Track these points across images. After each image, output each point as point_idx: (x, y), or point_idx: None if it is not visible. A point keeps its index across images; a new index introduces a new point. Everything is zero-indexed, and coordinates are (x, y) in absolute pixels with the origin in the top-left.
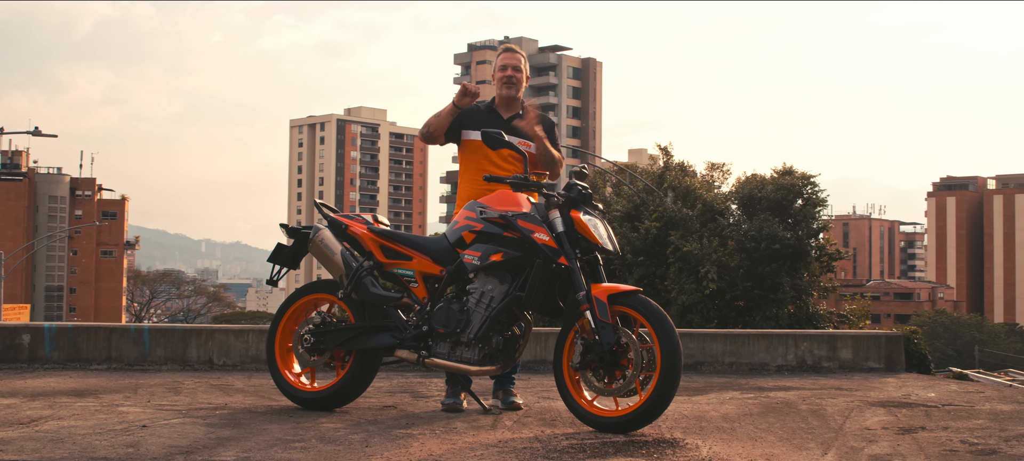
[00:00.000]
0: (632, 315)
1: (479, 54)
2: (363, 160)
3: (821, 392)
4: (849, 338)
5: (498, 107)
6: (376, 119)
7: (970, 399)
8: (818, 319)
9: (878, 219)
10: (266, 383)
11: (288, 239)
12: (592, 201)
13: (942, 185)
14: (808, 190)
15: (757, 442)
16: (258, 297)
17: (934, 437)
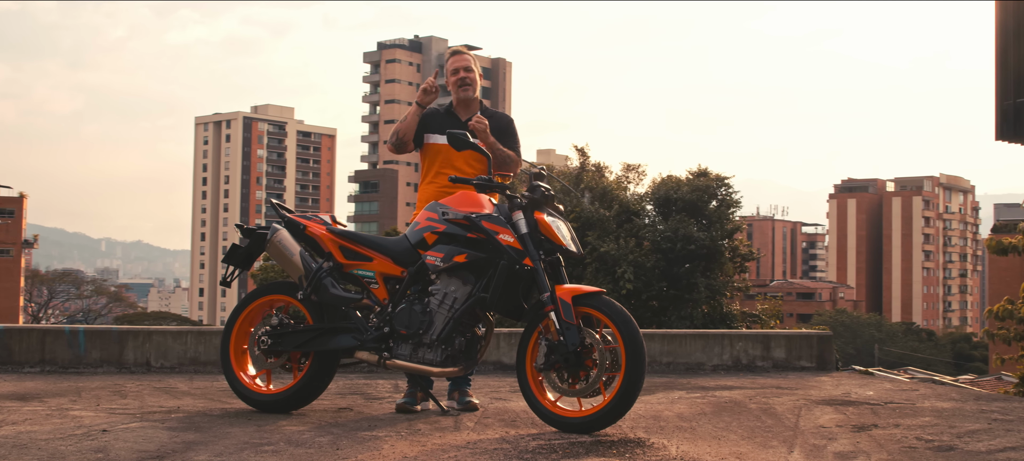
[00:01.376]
0: (595, 316)
1: (389, 53)
2: (270, 158)
3: (764, 391)
4: (782, 338)
5: (457, 110)
6: (283, 117)
7: (909, 397)
8: (731, 319)
9: (781, 220)
10: (211, 385)
11: (243, 239)
12: (554, 203)
13: (843, 187)
14: (722, 191)
15: (721, 441)
16: (160, 297)
17: (889, 434)
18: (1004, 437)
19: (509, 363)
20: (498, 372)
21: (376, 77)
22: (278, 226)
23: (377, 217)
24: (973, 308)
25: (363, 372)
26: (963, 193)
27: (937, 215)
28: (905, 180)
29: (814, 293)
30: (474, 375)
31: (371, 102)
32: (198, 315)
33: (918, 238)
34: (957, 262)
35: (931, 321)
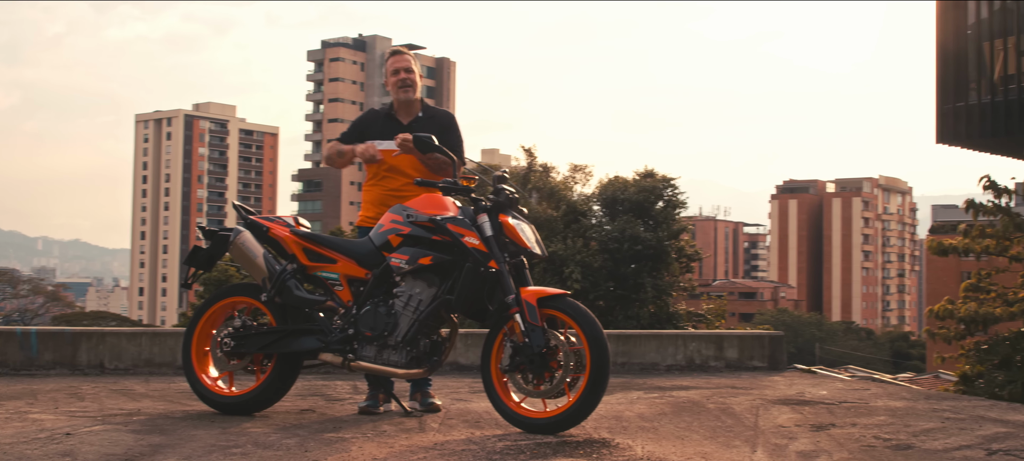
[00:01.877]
0: (560, 318)
1: (333, 52)
2: (212, 157)
3: (720, 391)
4: (735, 338)
5: (397, 112)
6: (225, 115)
7: (862, 396)
8: (677, 319)
9: (723, 220)
10: (169, 387)
11: (205, 241)
12: (519, 206)
13: (784, 188)
14: (668, 192)
15: (684, 441)
16: (98, 297)
17: (847, 434)
18: (958, 435)
19: (466, 364)
20: (456, 373)
21: (320, 76)
22: (241, 228)
23: (321, 216)
24: (911, 307)
25: (321, 374)
26: (901, 194)
27: (876, 216)
28: (845, 181)
29: (756, 293)
30: (433, 376)
31: (315, 101)
32: (138, 315)
33: (857, 238)
34: (895, 262)
35: (870, 320)
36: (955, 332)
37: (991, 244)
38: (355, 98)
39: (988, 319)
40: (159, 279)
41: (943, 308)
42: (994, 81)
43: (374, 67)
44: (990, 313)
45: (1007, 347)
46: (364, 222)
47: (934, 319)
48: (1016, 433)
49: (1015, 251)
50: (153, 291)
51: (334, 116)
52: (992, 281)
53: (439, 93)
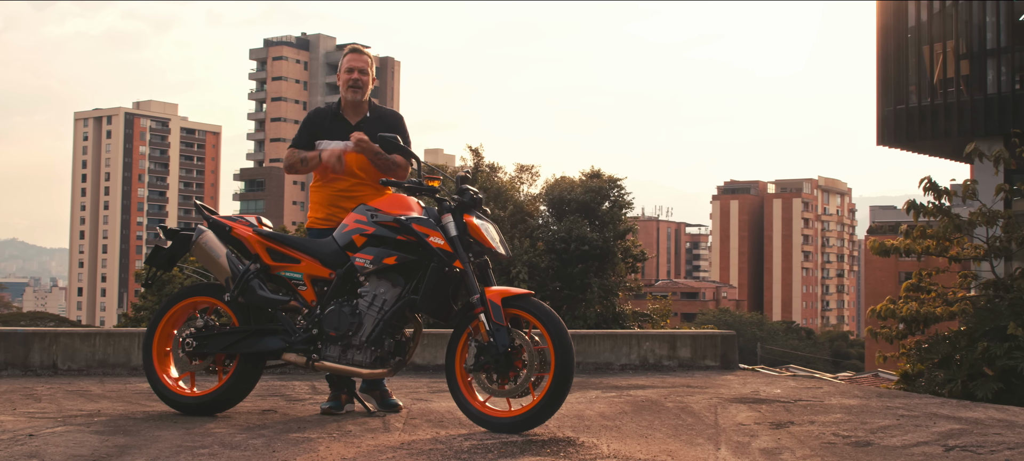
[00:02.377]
0: (524, 317)
1: (276, 50)
2: (153, 155)
3: (677, 390)
4: (688, 338)
5: (344, 111)
6: (167, 113)
7: (816, 395)
8: (624, 319)
9: (665, 221)
10: (125, 388)
11: (166, 241)
12: (483, 206)
13: (726, 189)
14: (615, 193)
15: (648, 439)
16: (36, 297)
17: (807, 431)
18: (914, 432)
19: (423, 364)
20: (413, 373)
21: (263, 74)
22: (203, 228)
23: (263, 216)
24: (849, 307)
25: (279, 374)
26: (840, 195)
27: (816, 216)
28: (785, 182)
29: (698, 293)
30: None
31: (257, 99)
32: (76, 315)
33: (798, 239)
34: (835, 262)
35: (810, 320)
36: (896, 332)
37: (932, 245)
38: (298, 97)
39: (929, 319)
40: (98, 279)
41: (885, 308)
42: (933, 84)
43: (317, 66)
44: (931, 313)
45: (947, 346)
46: (314, 224)
47: (876, 319)
48: (970, 429)
49: (954, 252)
50: (92, 291)
51: (277, 115)
52: (933, 281)
53: (383, 92)
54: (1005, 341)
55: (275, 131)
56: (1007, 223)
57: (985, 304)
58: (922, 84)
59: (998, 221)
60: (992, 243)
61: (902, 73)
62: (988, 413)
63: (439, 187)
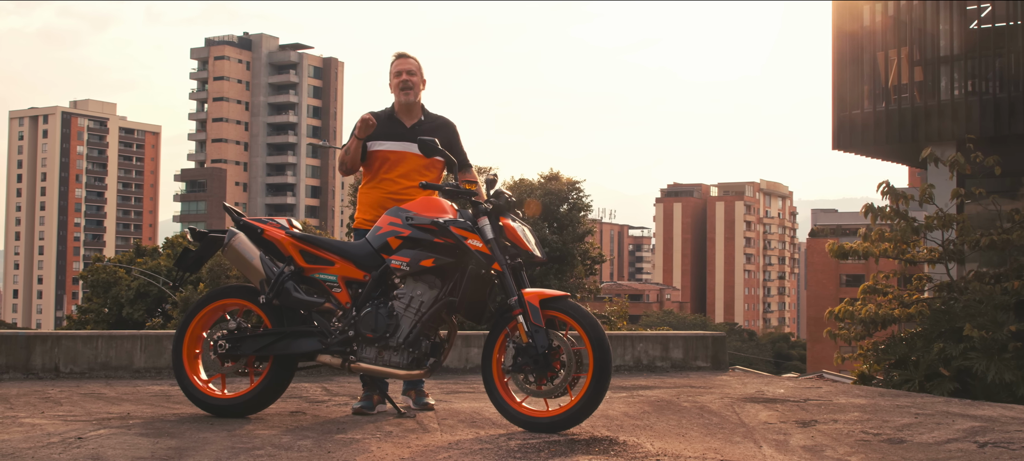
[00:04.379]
0: (561, 318)
1: (218, 49)
2: (90, 156)
3: (684, 390)
4: (680, 339)
5: (399, 114)
6: (105, 113)
7: (821, 394)
8: None
9: (608, 223)
10: (137, 390)
11: (194, 243)
12: (516, 209)
13: (669, 191)
14: (573, 195)
15: (686, 438)
16: None
17: (836, 429)
18: (939, 430)
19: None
20: None
21: (204, 74)
22: (235, 230)
23: (205, 217)
24: (791, 309)
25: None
26: (782, 198)
27: (758, 219)
28: (728, 185)
29: (642, 295)
30: None
31: (199, 99)
32: (12, 318)
33: (740, 241)
34: (776, 265)
35: (752, 321)
36: (855, 333)
37: (889, 248)
38: (241, 97)
39: (887, 320)
40: (34, 281)
41: (843, 310)
42: (888, 90)
43: (260, 66)
44: (888, 314)
45: (904, 347)
46: (361, 225)
47: (834, 320)
48: (990, 427)
49: (910, 255)
50: (28, 293)
51: (219, 115)
52: (888, 284)
53: (326, 93)
54: (961, 342)
55: (217, 131)
56: (961, 227)
57: (941, 306)
58: (877, 90)
59: (953, 225)
60: (947, 246)
61: (857, 79)
62: (996, 411)
63: (476, 191)
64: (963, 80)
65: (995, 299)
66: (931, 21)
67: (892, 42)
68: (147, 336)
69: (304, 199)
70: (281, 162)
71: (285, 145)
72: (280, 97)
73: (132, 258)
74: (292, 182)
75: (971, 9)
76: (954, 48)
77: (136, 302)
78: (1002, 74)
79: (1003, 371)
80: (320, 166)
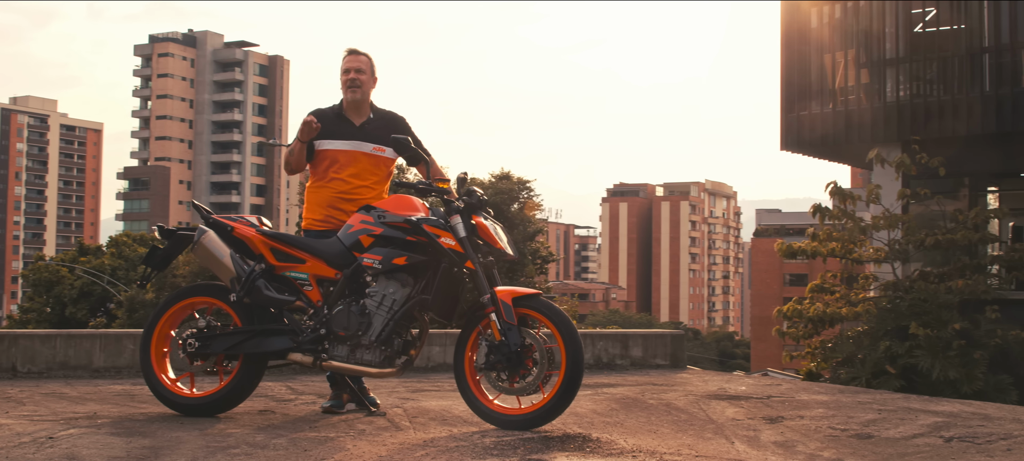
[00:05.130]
0: (533, 316)
1: (161, 47)
2: (30, 153)
3: (647, 388)
4: (639, 337)
5: (347, 113)
6: (45, 109)
7: (782, 391)
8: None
9: (554, 222)
10: (97, 390)
11: (162, 241)
12: (487, 208)
13: (615, 191)
14: (524, 194)
15: (658, 434)
16: None
17: (803, 425)
18: (903, 425)
19: None
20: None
21: (147, 71)
22: (205, 228)
23: (148, 216)
24: (735, 308)
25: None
26: (726, 199)
27: (703, 219)
28: (673, 185)
29: (589, 294)
30: None
31: (142, 97)
32: None
33: (685, 241)
34: (721, 264)
35: (696, 320)
36: (804, 332)
37: (837, 248)
38: (185, 95)
39: (835, 319)
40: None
41: (792, 308)
42: (834, 90)
43: (205, 63)
44: (837, 313)
45: (850, 346)
46: (311, 225)
47: (783, 319)
48: (953, 422)
49: (857, 254)
50: None
51: (163, 113)
52: (836, 283)
53: (272, 91)
54: (906, 340)
55: (161, 129)
56: (907, 227)
57: (887, 305)
58: (824, 92)
59: (899, 225)
60: (892, 246)
61: (805, 81)
62: (956, 407)
63: (449, 189)
64: (908, 82)
65: (940, 298)
66: (877, 24)
67: (839, 44)
68: (106, 335)
69: (249, 198)
70: (226, 160)
71: (230, 143)
72: (225, 95)
73: (75, 257)
74: (237, 181)
75: (916, 13)
76: (899, 51)
77: (79, 301)
78: (945, 77)
79: (948, 369)
80: (266, 164)
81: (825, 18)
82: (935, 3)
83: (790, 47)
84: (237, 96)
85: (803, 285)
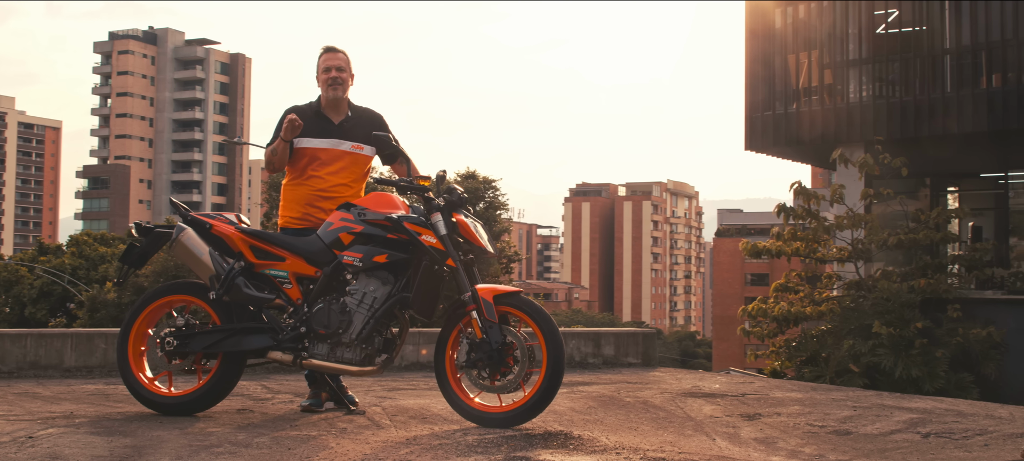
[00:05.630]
0: (514, 314)
1: (122, 44)
2: None
3: (622, 386)
4: (611, 336)
5: (325, 110)
6: (3, 107)
7: (756, 389)
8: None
9: (517, 222)
10: (70, 390)
11: (139, 238)
12: (467, 205)
13: (578, 191)
14: (490, 194)
15: (638, 432)
16: None
17: (782, 422)
18: (879, 422)
19: None
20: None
21: (107, 68)
22: (183, 226)
23: (108, 214)
24: (696, 308)
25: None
26: (688, 199)
27: (665, 219)
28: (635, 185)
29: (551, 294)
30: None
31: (102, 94)
32: None
33: (647, 241)
34: (682, 264)
35: (658, 320)
36: (768, 330)
37: (801, 247)
38: (145, 93)
39: (799, 318)
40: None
41: (757, 307)
42: (798, 90)
43: (165, 61)
44: (801, 312)
45: (814, 344)
46: (288, 222)
47: (748, 317)
48: (927, 418)
49: (821, 253)
50: None
51: (123, 111)
52: (800, 283)
53: (233, 89)
54: (869, 339)
55: (121, 127)
56: (870, 227)
57: (850, 304)
58: (788, 92)
59: (862, 225)
60: (856, 246)
61: (769, 81)
62: (929, 403)
63: (429, 186)
64: (871, 83)
65: (902, 297)
66: (840, 25)
67: (803, 45)
68: (78, 334)
69: (210, 197)
70: (187, 159)
71: (191, 142)
72: (186, 93)
73: (35, 256)
74: (198, 179)
75: (879, 14)
76: (862, 52)
77: (39, 301)
78: (907, 78)
79: (910, 367)
80: (227, 163)
81: (789, 19)
82: (897, 4)
83: (755, 47)
84: (198, 94)
85: (765, 285)
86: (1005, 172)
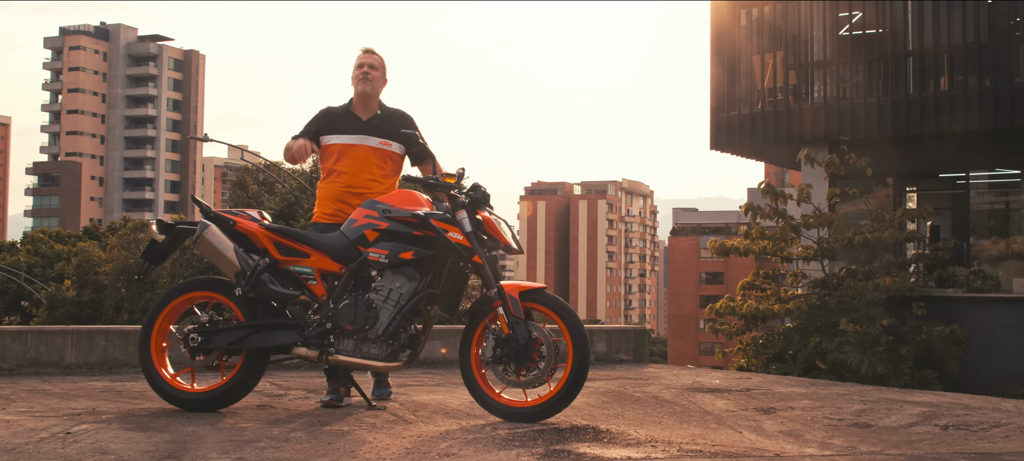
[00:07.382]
0: (539, 310)
1: (73, 39)
2: None
3: (626, 382)
4: (603, 333)
5: (355, 108)
6: None
7: (756, 384)
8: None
9: None
10: (79, 386)
11: (161, 235)
12: (490, 202)
13: (533, 190)
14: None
15: (663, 425)
16: None
17: (799, 415)
18: (893, 416)
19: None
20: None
21: (58, 64)
22: (207, 222)
23: (58, 212)
24: (651, 306)
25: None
26: (643, 197)
27: (620, 218)
28: (591, 184)
29: None
30: None
31: (52, 90)
32: None
33: (603, 239)
34: (637, 262)
35: (614, 318)
36: (735, 328)
37: (768, 246)
38: (97, 89)
39: (767, 315)
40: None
41: (725, 305)
42: (763, 91)
43: (118, 57)
44: (769, 310)
45: (781, 342)
46: (320, 218)
47: (716, 315)
48: (940, 412)
49: (787, 252)
50: None
51: (74, 107)
52: (765, 282)
53: (187, 86)
54: (836, 336)
55: (72, 124)
56: (835, 226)
57: (816, 302)
58: (753, 92)
59: (828, 224)
60: (821, 244)
61: (734, 81)
62: (932, 398)
63: (455, 184)
64: (835, 84)
65: (867, 295)
66: (804, 25)
67: (768, 45)
68: (78, 331)
69: (163, 194)
70: (139, 156)
71: (144, 139)
72: (139, 89)
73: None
74: (151, 177)
75: (842, 15)
76: (826, 53)
77: None
78: (870, 78)
79: (876, 364)
80: (180, 160)
81: (754, 19)
82: (860, 5)
83: (719, 47)
84: (151, 91)
85: (720, 283)
86: (966, 172)
